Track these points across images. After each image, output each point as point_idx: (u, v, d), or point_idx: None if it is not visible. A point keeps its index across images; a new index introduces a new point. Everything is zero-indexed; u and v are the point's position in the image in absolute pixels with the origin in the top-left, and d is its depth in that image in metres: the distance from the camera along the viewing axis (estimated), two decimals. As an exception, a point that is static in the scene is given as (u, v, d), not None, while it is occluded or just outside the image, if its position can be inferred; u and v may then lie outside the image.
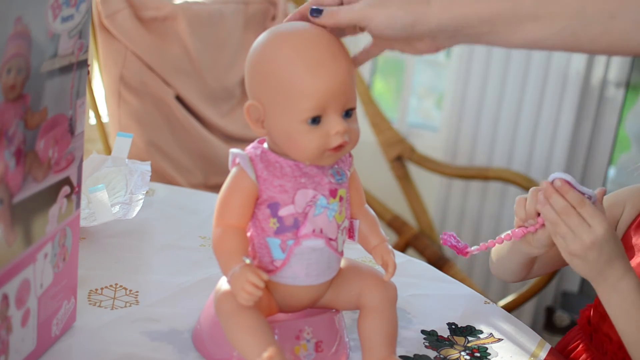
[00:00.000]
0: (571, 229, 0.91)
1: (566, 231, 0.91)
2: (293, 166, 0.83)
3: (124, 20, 1.84)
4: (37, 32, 0.73)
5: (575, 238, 0.91)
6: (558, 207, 0.91)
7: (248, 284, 0.78)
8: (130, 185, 1.25)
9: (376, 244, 0.88)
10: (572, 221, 0.91)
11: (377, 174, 2.55)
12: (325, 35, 0.82)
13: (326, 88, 0.80)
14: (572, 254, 0.92)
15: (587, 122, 2.52)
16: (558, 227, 0.92)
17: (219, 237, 0.82)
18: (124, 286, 1.03)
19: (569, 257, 0.93)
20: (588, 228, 0.91)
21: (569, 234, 0.91)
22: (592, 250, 0.91)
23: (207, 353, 0.89)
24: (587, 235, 0.90)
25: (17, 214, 0.74)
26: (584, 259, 0.92)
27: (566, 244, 0.92)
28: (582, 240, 0.91)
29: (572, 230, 0.91)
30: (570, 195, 0.92)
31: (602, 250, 0.91)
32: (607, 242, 0.91)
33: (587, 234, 0.90)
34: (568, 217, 0.91)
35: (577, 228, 0.91)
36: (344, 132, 0.80)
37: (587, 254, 0.91)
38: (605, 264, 0.92)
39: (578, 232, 0.91)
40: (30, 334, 0.81)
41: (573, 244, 0.91)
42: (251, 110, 0.83)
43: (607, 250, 0.91)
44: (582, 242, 0.91)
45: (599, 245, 0.91)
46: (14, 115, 0.71)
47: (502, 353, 0.98)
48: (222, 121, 2.05)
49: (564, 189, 0.92)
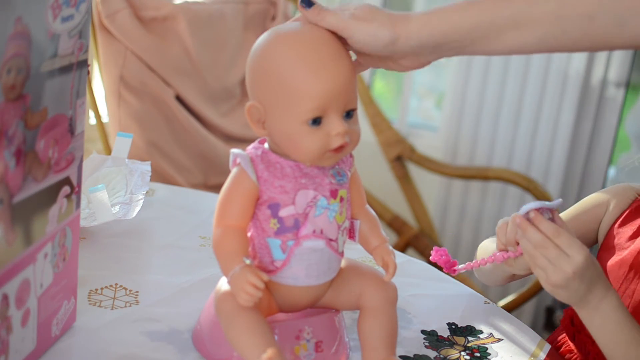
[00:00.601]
0: (550, 260, 0.90)
1: (545, 263, 0.90)
2: (294, 167, 0.83)
3: (124, 20, 1.84)
4: (37, 32, 0.73)
5: (555, 269, 0.90)
6: (534, 240, 0.91)
7: (248, 285, 0.78)
8: (130, 185, 1.25)
9: (377, 244, 0.88)
10: (550, 253, 0.90)
11: (377, 174, 2.55)
12: (327, 37, 0.82)
13: (327, 89, 0.79)
14: (554, 285, 0.91)
15: (587, 122, 2.52)
16: (536, 259, 0.91)
17: (219, 238, 0.82)
18: (124, 286, 1.03)
19: (550, 288, 0.92)
20: (567, 258, 0.90)
21: (548, 265, 0.90)
22: (573, 280, 0.90)
23: (207, 353, 0.89)
24: (568, 266, 0.89)
25: (17, 214, 0.74)
26: (567, 289, 0.91)
27: (546, 276, 0.91)
28: (564, 271, 0.89)
29: (551, 262, 0.90)
30: (544, 226, 0.91)
31: (583, 277, 0.90)
32: (587, 269, 0.90)
33: (567, 264, 0.89)
34: (545, 249, 0.90)
35: (557, 259, 0.90)
36: (344, 133, 0.80)
37: (569, 284, 0.90)
38: (587, 289, 0.91)
39: (558, 263, 0.90)
40: (30, 334, 0.81)
41: (554, 275, 0.90)
42: (252, 111, 0.83)
43: (588, 276, 0.91)
44: (564, 272, 0.89)
45: (580, 274, 0.90)
46: (14, 115, 0.71)
47: (502, 353, 0.98)
48: (222, 121, 2.05)
49: (537, 220, 0.91)
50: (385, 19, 0.84)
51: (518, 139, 2.55)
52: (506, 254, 0.97)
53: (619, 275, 1.06)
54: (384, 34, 0.84)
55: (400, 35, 0.84)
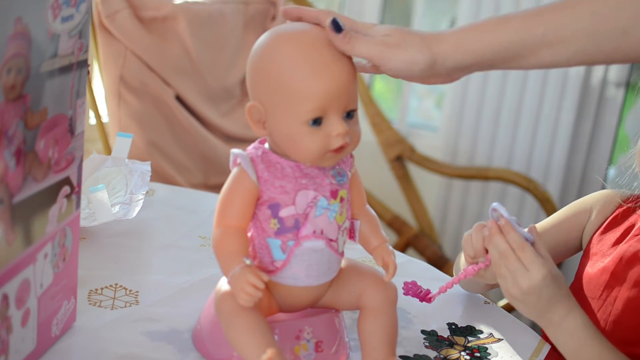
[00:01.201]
0: (510, 272, 0.90)
1: (506, 273, 0.91)
2: (294, 167, 0.83)
3: (124, 20, 1.84)
4: (37, 32, 0.73)
5: (514, 282, 0.90)
6: (500, 249, 0.91)
7: (248, 285, 0.78)
8: (130, 185, 1.25)
9: (377, 244, 0.88)
10: (511, 265, 0.90)
11: (377, 174, 2.55)
12: (327, 37, 0.82)
13: (327, 90, 0.79)
14: (512, 296, 0.91)
15: (587, 122, 2.52)
16: (499, 268, 0.91)
17: (220, 238, 0.82)
18: (124, 286, 1.03)
19: (509, 298, 0.92)
20: (526, 273, 0.89)
21: (508, 276, 0.90)
22: (530, 295, 0.90)
23: (207, 353, 0.89)
24: (525, 281, 0.89)
25: (17, 214, 0.74)
26: (523, 302, 0.91)
27: (506, 286, 0.91)
28: (520, 286, 0.89)
29: (511, 274, 0.90)
30: (512, 237, 0.91)
31: (540, 294, 0.90)
32: (546, 287, 0.90)
33: (524, 279, 0.89)
34: (507, 260, 0.90)
35: (515, 273, 0.90)
36: (345, 133, 0.80)
37: (526, 298, 0.90)
38: (545, 307, 0.91)
39: (516, 276, 0.90)
40: (30, 334, 0.81)
41: (512, 287, 0.90)
42: (252, 111, 0.83)
43: (546, 294, 0.90)
44: (520, 287, 0.89)
45: (538, 291, 0.90)
46: (14, 115, 0.71)
47: (502, 353, 0.98)
48: (222, 121, 2.05)
49: (506, 229, 0.91)
50: (419, 42, 0.83)
51: (518, 139, 2.55)
52: (476, 267, 0.96)
53: (600, 282, 1.05)
54: (421, 60, 0.83)
55: (437, 59, 0.84)
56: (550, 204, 2.22)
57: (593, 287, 1.06)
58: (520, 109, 2.53)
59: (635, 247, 1.04)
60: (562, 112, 2.48)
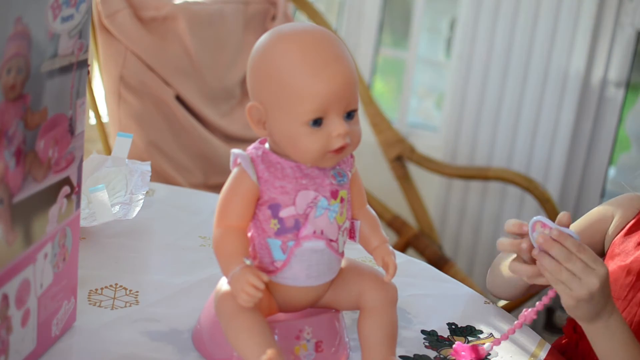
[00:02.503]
0: (575, 274, 0.90)
1: (570, 277, 0.91)
2: (294, 167, 0.83)
3: (124, 20, 1.84)
4: (37, 32, 0.73)
5: (581, 283, 0.90)
6: (561, 256, 0.91)
7: (248, 286, 0.78)
8: (130, 185, 1.25)
9: (377, 244, 0.88)
10: (576, 267, 0.90)
11: (377, 174, 2.55)
12: (328, 37, 0.82)
13: (328, 90, 0.79)
14: (579, 298, 0.91)
15: (587, 122, 2.51)
16: (561, 274, 0.91)
17: (220, 238, 0.82)
18: (124, 286, 1.03)
19: (573, 302, 0.91)
20: (593, 271, 0.90)
21: (573, 280, 0.91)
22: (598, 293, 0.91)
23: (207, 353, 0.89)
24: (594, 279, 0.90)
25: (17, 214, 0.74)
26: (590, 302, 0.91)
27: (571, 290, 0.91)
28: (589, 284, 0.90)
29: (576, 276, 0.90)
30: (569, 242, 0.91)
31: (604, 291, 0.92)
32: (607, 283, 0.92)
33: (593, 277, 0.90)
34: (572, 263, 0.90)
35: (582, 273, 0.90)
36: (345, 134, 0.80)
37: (594, 297, 0.91)
38: (604, 303, 0.93)
39: (584, 276, 0.90)
40: (30, 334, 0.81)
41: (580, 289, 0.90)
42: (253, 112, 0.83)
43: (607, 291, 0.93)
44: (590, 285, 0.90)
45: (603, 287, 0.91)
46: (14, 115, 0.71)
47: (502, 353, 0.98)
48: (222, 121, 2.04)
49: (562, 237, 0.91)
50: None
51: (518, 139, 2.54)
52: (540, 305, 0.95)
53: (626, 283, 1.05)
54: None
55: None
56: (550, 204, 2.22)
57: (619, 288, 1.06)
58: (520, 109, 2.53)
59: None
60: (562, 112, 2.48)
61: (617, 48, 2.45)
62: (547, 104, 2.49)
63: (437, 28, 2.92)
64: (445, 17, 2.89)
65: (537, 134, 2.53)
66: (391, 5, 2.84)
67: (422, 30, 2.77)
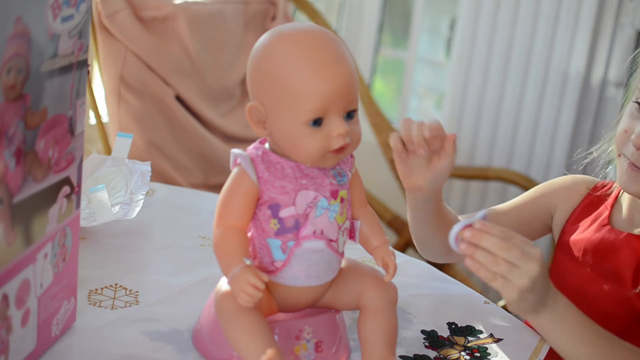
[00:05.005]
0: (513, 263, 0.83)
1: (508, 269, 0.83)
2: (294, 167, 0.83)
3: (124, 20, 1.84)
4: (37, 32, 0.73)
5: (520, 272, 0.83)
6: (494, 246, 0.83)
7: (248, 286, 0.78)
8: (130, 185, 1.25)
9: (377, 244, 0.88)
10: (513, 255, 0.83)
11: (377, 174, 2.55)
12: (328, 37, 0.82)
13: (328, 90, 0.79)
14: (522, 289, 0.84)
15: (587, 122, 2.52)
16: (498, 266, 0.83)
17: (220, 238, 0.82)
18: (124, 286, 1.03)
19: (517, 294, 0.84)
20: (529, 256, 0.84)
21: (512, 270, 0.83)
22: (540, 277, 0.84)
23: (207, 353, 0.89)
24: (533, 264, 0.83)
25: (17, 214, 0.74)
26: (533, 291, 0.85)
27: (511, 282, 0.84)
28: (529, 271, 0.83)
29: (515, 265, 0.83)
30: (497, 231, 0.84)
31: (545, 273, 0.85)
32: (544, 263, 0.85)
33: (531, 262, 0.83)
34: (509, 251, 0.83)
35: (520, 260, 0.83)
36: (345, 134, 0.80)
37: (536, 284, 0.85)
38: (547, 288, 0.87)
39: (523, 263, 0.83)
40: (30, 334, 0.81)
41: (520, 278, 0.83)
42: (253, 112, 0.83)
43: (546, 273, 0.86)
44: (530, 272, 0.83)
45: (544, 270, 0.85)
46: (14, 115, 0.71)
47: (502, 353, 0.98)
48: (222, 121, 2.05)
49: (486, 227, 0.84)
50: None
51: (518, 139, 2.55)
52: None
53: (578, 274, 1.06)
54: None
55: None
56: (550, 204, 2.22)
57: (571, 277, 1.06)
58: (520, 109, 2.53)
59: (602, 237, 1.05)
60: (562, 112, 2.48)
61: (617, 48, 2.45)
62: (547, 104, 2.49)
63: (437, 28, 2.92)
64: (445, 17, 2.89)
65: (537, 134, 2.53)
66: (391, 5, 2.84)
67: (422, 30, 2.77)
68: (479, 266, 0.84)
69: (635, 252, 1.04)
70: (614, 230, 1.08)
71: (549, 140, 2.51)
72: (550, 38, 2.45)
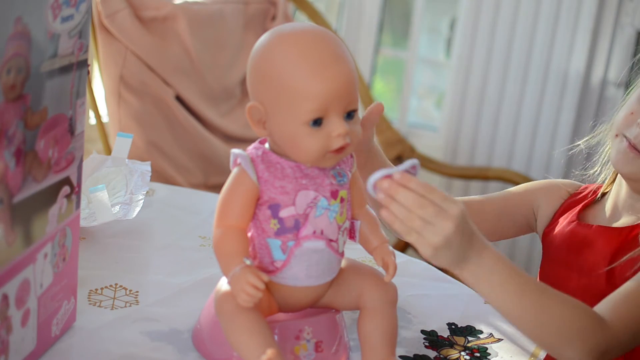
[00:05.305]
0: (428, 220, 0.80)
1: (422, 225, 0.80)
2: (294, 167, 0.83)
3: (124, 20, 1.84)
4: (37, 32, 0.73)
5: (435, 229, 0.80)
6: (409, 201, 0.80)
7: (248, 286, 0.78)
8: (130, 185, 1.25)
9: (377, 244, 0.88)
10: (428, 212, 0.80)
11: (377, 173, 2.55)
12: (328, 37, 0.82)
13: (328, 90, 0.79)
14: (436, 246, 0.81)
15: (587, 122, 2.51)
16: (413, 222, 0.80)
17: (220, 238, 0.82)
18: (124, 286, 1.03)
19: (432, 250, 0.81)
20: (445, 213, 0.80)
21: (426, 227, 0.80)
22: (455, 236, 0.81)
23: (207, 353, 0.89)
24: (448, 222, 0.80)
25: (17, 214, 0.74)
26: (449, 247, 0.81)
27: (426, 239, 0.81)
28: (444, 228, 0.80)
29: (429, 222, 0.80)
30: (414, 184, 0.80)
31: (463, 231, 0.81)
32: (465, 221, 0.82)
33: (446, 220, 0.80)
34: (424, 208, 0.80)
35: (435, 217, 0.80)
36: (345, 134, 0.80)
37: (452, 241, 0.81)
38: (467, 244, 0.83)
39: (437, 221, 0.80)
40: (30, 334, 0.81)
41: (434, 236, 0.80)
42: (253, 112, 0.83)
43: (467, 230, 0.82)
44: (444, 230, 0.80)
45: (461, 228, 0.81)
46: (14, 115, 0.71)
47: (502, 353, 0.98)
48: (222, 121, 2.05)
49: (405, 179, 0.80)
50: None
51: (518, 139, 2.55)
52: None
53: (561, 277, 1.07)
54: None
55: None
56: (550, 204, 2.22)
57: (552, 277, 1.07)
58: (520, 109, 2.53)
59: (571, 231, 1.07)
60: (562, 112, 2.48)
61: (617, 48, 2.45)
62: (547, 104, 2.49)
63: (437, 28, 2.92)
64: (445, 17, 2.89)
65: (537, 134, 2.53)
66: (391, 5, 2.84)
67: (422, 30, 2.77)
68: (394, 219, 0.81)
69: (608, 244, 1.04)
70: (582, 224, 1.09)
71: (549, 140, 2.51)
72: (550, 38, 2.45)
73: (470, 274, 0.84)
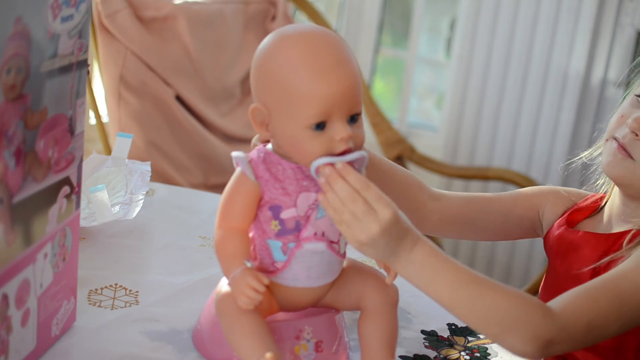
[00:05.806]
0: (356, 217, 0.81)
1: (351, 220, 0.82)
2: (296, 169, 0.83)
3: (124, 20, 1.84)
4: (37, 32, 0.73)
5: (361, 227, 0.81)
6: (343, 194, 0.81)
7: (248, 288, 0.78)
8: (130, 185, 1.25)
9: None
10: (358, 208, 0.81)
11: (377, 174, 2.54)
12: (332, 40, 0.81)
13: (331, 94, 0.79)
14: (360, 242, 0.82)
15: (587, 122, 2.52)
16: (343, 214, 0.82)
17: (221, 240, 0.82)
18: (124, 286, 1.03)
19: (357, 244, 0.83)
20: (374, 214, 0.81)
21: (353, 222, 0.82)
22: (380, 238, 0.82)
23: (207, 353, 0.89)
24: (374, 224, 0.81)
25: (17, 214, 0.74)
26: (373, 246, 0.83)
27: (352, 233, 0.82)
28: (369, 229, 0.81)
29: (357, 219, 0.81)
30: (353, 178, 0.81)
31: (391, 234, 0.82)
32: (394, 226, 0.82)
33: (373, 222, 0.81)
34: (354, 204, 0.81)
35: (364, 216, 0.81)
36: (348, 138, 0.80)
37: (376, 241, 0.82)
38: (395, 244, 0.84)
39: (364, 220, 0.81)
40: (30, 334, 0.81)
41: (360, 233, 0.82)
42: (256, 114, 0.83)
43: (395, 233, 0.83)
44: (369, 230, 0.81)
45: (388, 231, 0.82)
46: (14, 115, 0.71)
47: (502, 353, 0.98)
48: (222, 121, 2.05)
49: (345, 171, 0.81)
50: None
51: (518, 139, 2.54)
52: None
53: None
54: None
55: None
56: (550, 204, 2.22)
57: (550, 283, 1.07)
58: (520, 109, 2.53)
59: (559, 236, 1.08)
60: (562, 112, 2.48)
61: (617, 48, 2.45)
62: (547, 104, 2.49)
63: (437, 28, 2.92)
64: (445, 17, 2.89)
65: (537, 134, 2.53)
66: (391, 5, 2.84)
67: (422, 30, 2.77)
68: (328, 206, 0.83)
69: (595, 250, 1.04)
70: (570, 229, 1.09)
71: (549, 140, 2.51)
72: (550, 38, 2.45)
73: (401, 268, 0.86)
